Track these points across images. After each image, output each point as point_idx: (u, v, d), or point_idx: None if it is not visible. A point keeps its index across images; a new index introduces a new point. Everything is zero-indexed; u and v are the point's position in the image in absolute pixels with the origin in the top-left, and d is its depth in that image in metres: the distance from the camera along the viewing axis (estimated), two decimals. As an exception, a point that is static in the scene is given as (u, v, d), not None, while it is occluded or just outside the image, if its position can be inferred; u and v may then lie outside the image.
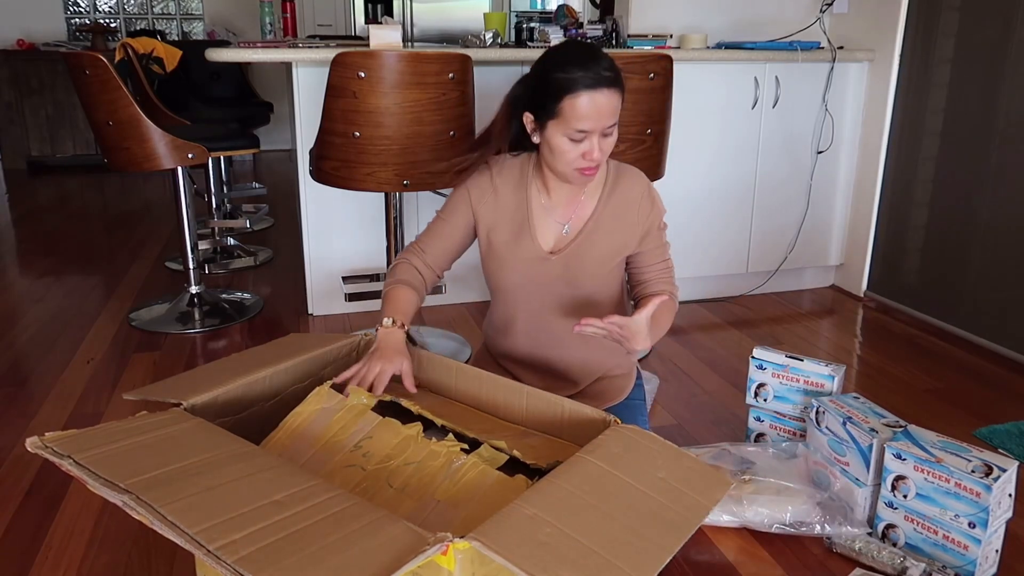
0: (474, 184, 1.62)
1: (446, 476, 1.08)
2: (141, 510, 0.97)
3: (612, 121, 1.45)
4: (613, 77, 1.43)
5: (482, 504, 1.04)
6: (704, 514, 1.13)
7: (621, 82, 1.45)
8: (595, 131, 1.44)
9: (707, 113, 2.90)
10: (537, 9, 5.86)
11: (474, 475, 1.07)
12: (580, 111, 1.42)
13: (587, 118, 1.42)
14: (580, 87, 1.41)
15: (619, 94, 1.45)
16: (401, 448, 1.15)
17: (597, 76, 1.41)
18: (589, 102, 1.41)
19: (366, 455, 1.17)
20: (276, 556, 0.90)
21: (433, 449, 1.12)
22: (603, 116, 1.43)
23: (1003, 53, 2.57)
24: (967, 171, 2.73)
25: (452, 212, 1.63)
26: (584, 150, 1.45)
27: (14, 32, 5.82)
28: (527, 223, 1.59)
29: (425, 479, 1.11)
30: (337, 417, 1.24)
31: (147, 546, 1.56)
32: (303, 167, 2.58)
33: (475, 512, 1.05)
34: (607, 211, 1.59)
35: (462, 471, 1.08)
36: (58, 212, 4.51)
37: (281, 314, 2.90)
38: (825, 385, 1.84)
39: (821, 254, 3.25)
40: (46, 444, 1.10)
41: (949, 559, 1.49)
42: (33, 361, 2.45)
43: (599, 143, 1.46)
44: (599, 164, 1.49)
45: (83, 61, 2.46)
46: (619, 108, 1.46)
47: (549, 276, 1.60)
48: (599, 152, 1.46)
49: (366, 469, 1.17)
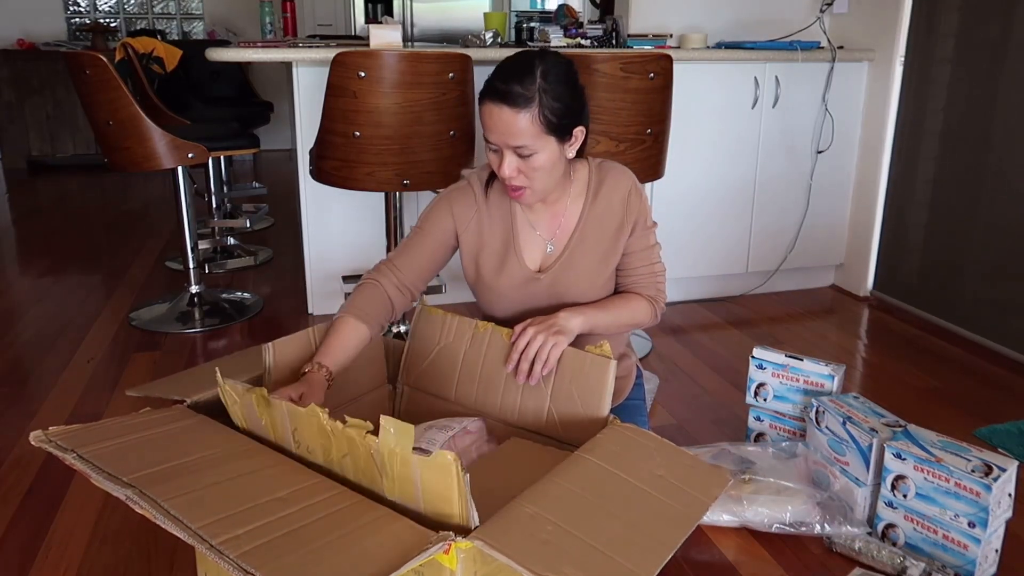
0: (456, 201, 1.56)
1: (380, 470, 1.05)
2: (144, 504, 0.97)
3: (516, 141, 1.37)
4: (514, 95, 1.35)
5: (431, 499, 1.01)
6: (703, 510, 1.13)
7: (536, 97, 1.35)
8: (502, 145, 1.39)
9: (707, 113, 2.90)
10: (537, 9, 5.86)
11: (399, 466, 1.01)
12: (483, 118, 1.40)
13: (487, 128, 1.39)
14: (486, 94, 1.38)
15: (524, 114, 1.35)
16: (324, 436, 1.10)
17: (494, 88, 1.37)
18: (488, 112, 1.38)
19: (310, 450, 1.14)
20: (279, 552, 0.90)
21: (348, 437, 1.05)
22: (499, 131, 1.37)
23: (1004, 52, 2.57)
24: (968, 170, 2.73)
25: (431, 232, 1.56)
26: (498, 162, 1.41)
27: (14, 32, 5.82)
28: (512, 242, 1.55)
29: (368, 474, 1.07)
30: (259, 411, 1.18)
31: (147, 545, 1.56)
32: (303, 167, 2.58)
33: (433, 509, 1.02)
34: (591, 219, 1.54)
35: (386, 463, 1.02)
36: (58, 212, 4.51)
37: (281, 314, 2.90)
38: (825, 385, 1.84)
39: (821, 254, 3.25)
40: (50, 438, 1.10)
41: (949, 559, 1.50)
42: (33, 361, 2.45)
43: (512, 160, 1.40)
44: (516, 186, 1.43)
45: (83, 61, 2.46)
46: (526, 132, 1.36)
47: (537, 296, 1.56)
48: (510, 169, 1.40)
49: (321, 465, 1.14)
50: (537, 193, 1.46)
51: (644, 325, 1.59)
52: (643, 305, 1.56)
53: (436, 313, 1.58)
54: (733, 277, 3.16)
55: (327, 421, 1.07)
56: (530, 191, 1.45)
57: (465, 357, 1.53)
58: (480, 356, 1.51)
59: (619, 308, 1.54)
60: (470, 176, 1.59)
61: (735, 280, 3.18)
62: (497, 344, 1.49)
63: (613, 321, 1.53)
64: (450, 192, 1.58)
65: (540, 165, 1.41)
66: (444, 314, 1.57)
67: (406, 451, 0.99)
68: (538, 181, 1.43)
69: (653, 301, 1.58)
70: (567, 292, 1.55)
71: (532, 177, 1.42)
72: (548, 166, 1.42)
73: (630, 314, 1.55)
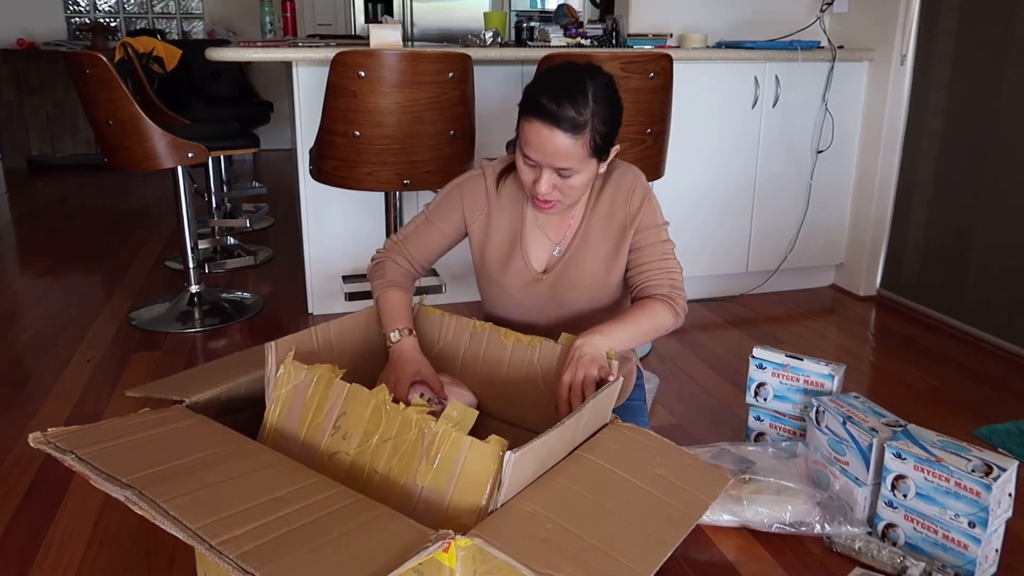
0: (468, 192, 1.57)
1: (423, 453, 1.09)
2: (144, 505, 0.97)
3: (562, 164, 1.37)
4: (570, 122, 1.33)
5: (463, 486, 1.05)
6: (703, 509, 1.13)
7: (587, 122, 1.35)
8: (543, 164, 1.38)
9: (707, 113, 2.90)
10: (537, 8, 5.86)
11: (448, 448, 1.07)
12: (527, 135, 1.38)
13: (531, 146, 1.37)
14: (535, 112, 1.35)
15: (576, 139, 1.35)
16: (375, 420, 1.15)
17: (544, 108, 1.34)
18: (536, 133, 1.35)
19: (347, 436, 1.18)
20: (278, 552, 0.90)
21: (404, 418, 1.13)
22: (547, 152, 1.36)
23: (1004, 51, 2.57)
24: (969, 170, 2.73)
25: (443, 217, 1.59)
26: (533, 177, 1.41)
27: (14, 31, 5.82)
28: (519, 242, 1.56)
29: (404, 459, 1.11)
30: (310, 394, 1.23)
31: (147, 545, 1.56)
32: (303, 166, 2.58)
33: (459, 500, 1.05)
34: (594, 218, 1.54)
35: (435, 445, 1.08)
36: (58, 211, 4.51)
37: (281, 314, 2.90)
38: (825, 384, 1.84)
39: (821, 253, 3.25)
40: (49, 439, 1.10)
41: (949, 558, 1.49)
42: (33, 361, 2.45)
43: (550, 178, 1.39)
44: (549, 201, 1.43)
45: (83, 60, 2.46)
46: (573, 155, 1.36)
47: (539, 297, 1.56)
48: (547, 187, 1.39)
49: (350, 455, 1.17)
50: (566, 206, 1.48)
51: (668, 329, 1.50)
52: (661, 309, 1.48)
53: (434, 313, 1.59)
54: (733, 277, 3.16)
55: (388, 403, 1.15)
56: (560, 204, 1.46)
57: (464, 356, 1.53)
58: (479, 355, 1.51)
59: (639, 319, 1.46)
60: (486, 167, 1.59)
61: (735, 280, 3.18)
62: (495, 344, 1.49)
63: (635, 333, 1.45)
64: (463, 181, 1.59)
65: (578, 184, 1.42)
66: (442, 314, 1.57)
67: (462, 433, 1.07)
68: (571, 197, 1.45)
69: (670, 301, 1.50)
70: (569, 291, 1.55)
71: (566, 193, 1.43)
72: (585, 184, 1.43)
73: (651, 323, 1.47)
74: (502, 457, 1.01)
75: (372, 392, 1.17)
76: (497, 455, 1.02)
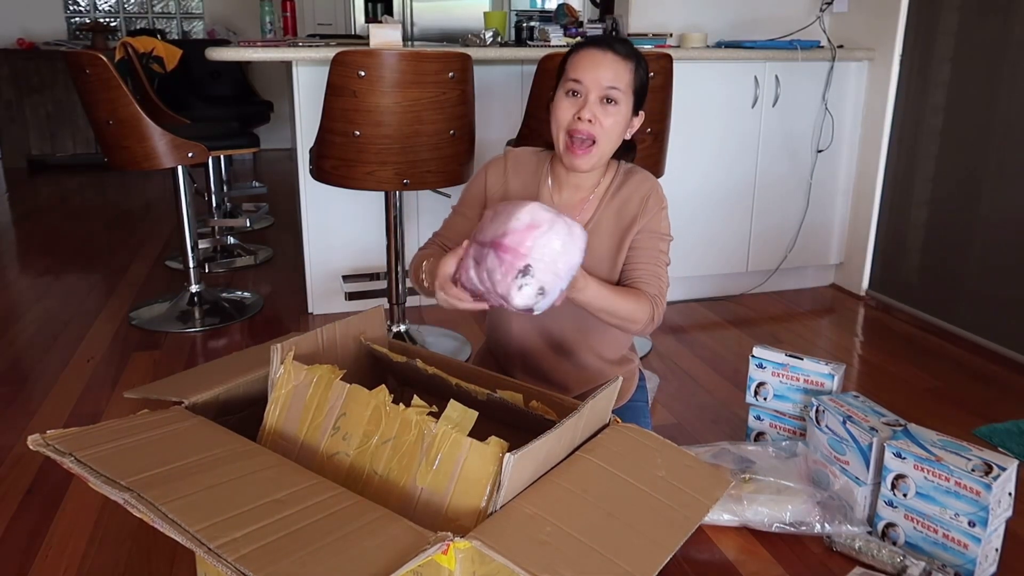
0: (491, 171, 1.62)
1: (423, 454, 1.09)
2: (142, 508, 0.97)
3: (611, 84, 1.44)
4: (625, 49, 1.47)
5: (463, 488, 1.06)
6: (704, 512, 1.13)
7: (636, 58, 1.48)
8: (590, 88, 1.44)
9: (707, 112, 2.90)
10: (537, 8, 5.85)
11: (447, 449, 1.07)
12: (579, 61, 1.46)
13: (581, 68, 1.45)
14: (587, 44, 1.49)
15: (626, 64, 1.46)
16: (375, 421, 1.15)
17: (605, 40, 1.48)
18: (589, 56, 1.45)
19: (346, 437, 1.18)
20: (277, 555, 0.90)
21: (404, 419, 1.12)
22: (599, 69, 1.44)
23: (1003, 52, 2.57)
24: (967, 169, 2.73)
25: (469, 204, 1.64)
26: (575, 110, 1.45)
27: (14, 31, 5.82)
28: None
29: (404, 460, 1.11)
30: (310, 395, 1.23)
31: (147, 545, 1.56)
32: (303, 166, 2.58)
33: (458, 502, 1.05)
34: (607, 213, 1.55)
35: (435, 446, 1.08)
36: (58, 211, 4.51)
37: (281, 313, 2.90)
38: (825, 384, 1.84)
39: (821, 253, 3.25)
40: (48, 442, 1.10)
41: (949, 558, 1.49)
42: (33, 360, 2.45)
43: (593, 107, 1.44)
44: (585, 136, 1.45)
45: (83, 60, 2.45)
46: (623, 79, 1.45)
47: None
48: (590, 113, 1.44)
49: (350, 455, 1.17)
50: (598, 155, 1.49)
51: (638, 324, 1.48)
52: (644, 303, 1.48)
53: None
54: (733, 276, 3.16)
55: (388, 404, 1.15)
56: (595, 151, 1.47)
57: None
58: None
59: (624, 295, 1.46)
60: (509, 151, 1.63)
61: (735, 279, 3.17)
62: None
63: (611, 302, 1.43)
64: (487, 164, 1.64)
65: (614, 122, 1.47)
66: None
67: (461, 434, 1.07)
68: (604, 141, 1.47)
69: (653, 303, 1.50)
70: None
71: (602, 133, 1.46)
72: (618, 128, 1.48)
73: (630, 306, 1.46)
74: (502, 459, 1.01)
75: (372, 393, 1.17)
76: (497, 456, 1.02)
